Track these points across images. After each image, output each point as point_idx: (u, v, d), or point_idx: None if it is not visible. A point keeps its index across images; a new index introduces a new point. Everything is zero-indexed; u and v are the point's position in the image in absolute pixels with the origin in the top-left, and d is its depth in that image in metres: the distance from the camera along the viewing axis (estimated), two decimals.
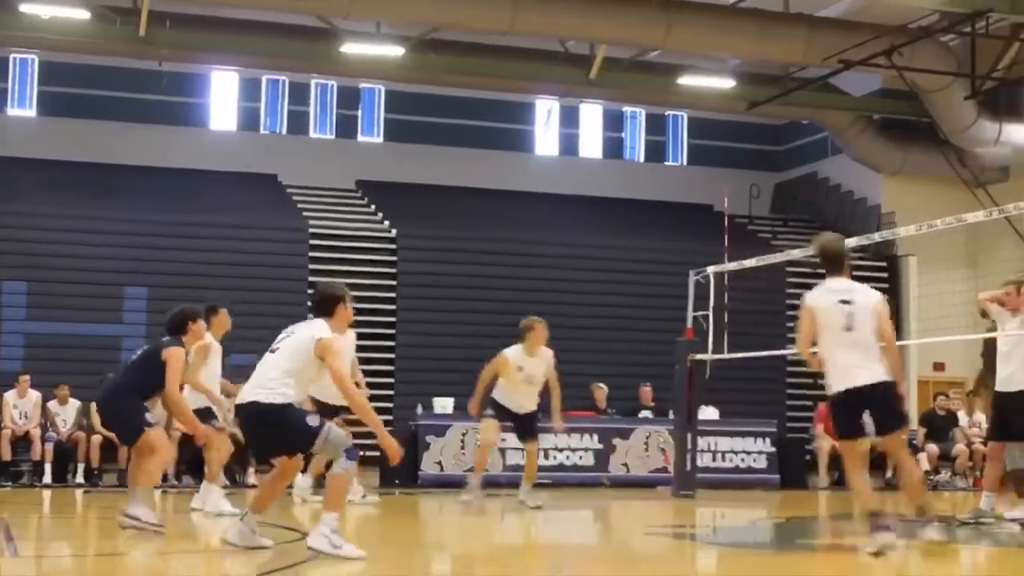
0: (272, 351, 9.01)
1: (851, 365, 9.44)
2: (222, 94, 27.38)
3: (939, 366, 24.48)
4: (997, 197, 23.16)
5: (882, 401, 9.48)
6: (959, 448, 21.05)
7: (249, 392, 8.87)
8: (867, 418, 9.56)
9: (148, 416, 10.75)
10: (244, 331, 21.38)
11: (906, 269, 26.33)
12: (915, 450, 19.45)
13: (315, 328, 9.01)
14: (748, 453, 19.37)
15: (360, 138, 28.22)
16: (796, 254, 18.23)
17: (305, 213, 24.51)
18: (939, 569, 9.60)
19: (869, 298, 9.69)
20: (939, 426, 21.26)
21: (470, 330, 22.31)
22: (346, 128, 28.06)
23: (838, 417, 9.75)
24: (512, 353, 14.06)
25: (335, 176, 26.62)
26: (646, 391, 20.67)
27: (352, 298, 9.37)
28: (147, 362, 10.82)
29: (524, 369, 13.94)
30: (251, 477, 17.75)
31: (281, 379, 8.81)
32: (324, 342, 8.86)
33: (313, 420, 8.75)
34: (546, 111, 29.31)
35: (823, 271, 9.87)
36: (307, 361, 8.84)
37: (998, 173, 26.07)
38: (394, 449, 8.79)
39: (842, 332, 9.46)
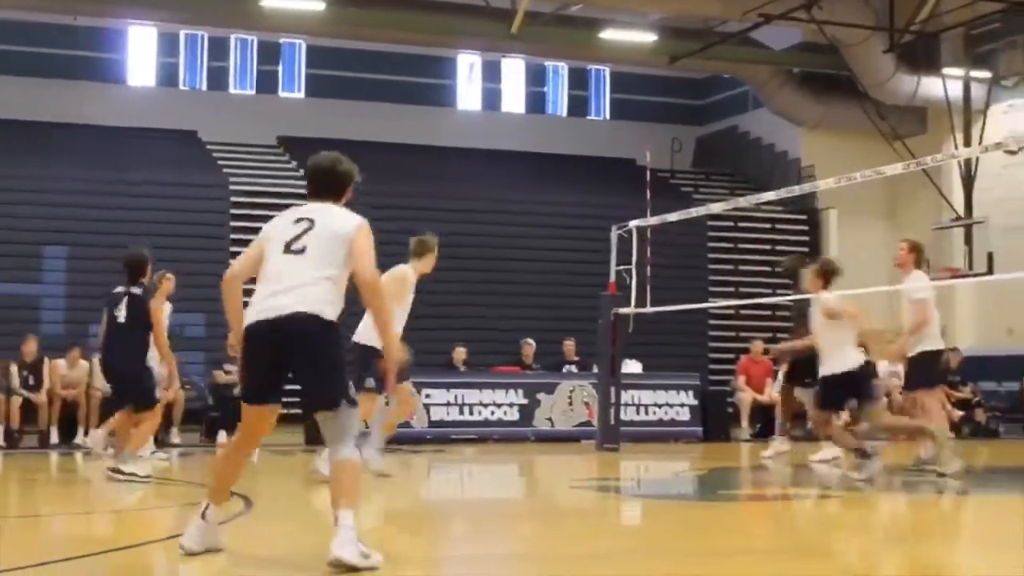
0: (295, 251, 6.67)
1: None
2: (140, 50, 27.03)
3: None
4: (915, 149, 23.44)
5: None
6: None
7: (285, 302, 6.51)
8: None
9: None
10: None
11: (826, 222, 26.62)
12: None
13: (343, 215, 6.88)
14: (671, 406, 19.50)
15: (281, 94, 28.00)
16: (717, 208, 18.35)
17: (226, 170, 24.27)
18: (855, 514, 9.76)
19: None
20: None
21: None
22: (267, 84, 27.82)
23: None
24: (409, 269, 11.97)
25: (256, 132, 26.37)
26: (569, 345, 20.73)
27: None
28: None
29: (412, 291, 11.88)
30: (174, 436, 17.58)
31: (326, 286, 6.60)
32: (366, 229, 6.77)
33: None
34: (468, 66, 29.21)
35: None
36: (344, 263, 6.69)
37: (916, 125, 26.36)
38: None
39: None
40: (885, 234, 27.21)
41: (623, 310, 17.19)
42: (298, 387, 6.60)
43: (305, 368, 6.52)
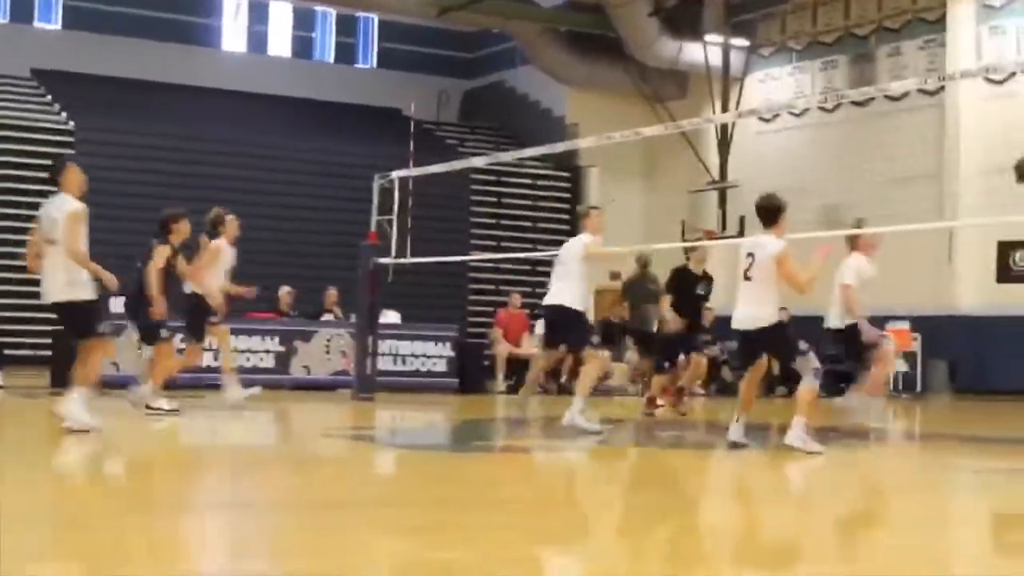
0: None
1: None
2: None
3: (615, 275, 25.26)
4: (675, 113, 24.00)
5: None
6: (631, 355, 21.85)
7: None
8: None
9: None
10: None
11: (587, 179, 27.06)
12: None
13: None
14: (428, 357, 19.59)
15: (36, 24, 27.00)
16: (480, 162, 18.45)
17: None
18: (606, 466, 9.99)
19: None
20: (613, 333, 21.99)
21: (151, 228, 21.71)
22: (21, 12, 26.82)
23: None
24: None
25: (9, 63, 25.42)
26: (331, 294, 20.62)
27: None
28: None
29: None
30: None
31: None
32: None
33: None
34: (235, 5, 28.67)
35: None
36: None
37: (677, 90, 26.96)
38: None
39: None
40: (644, 194, 27.84)
41: (383, 260, 17.18)
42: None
43: None
